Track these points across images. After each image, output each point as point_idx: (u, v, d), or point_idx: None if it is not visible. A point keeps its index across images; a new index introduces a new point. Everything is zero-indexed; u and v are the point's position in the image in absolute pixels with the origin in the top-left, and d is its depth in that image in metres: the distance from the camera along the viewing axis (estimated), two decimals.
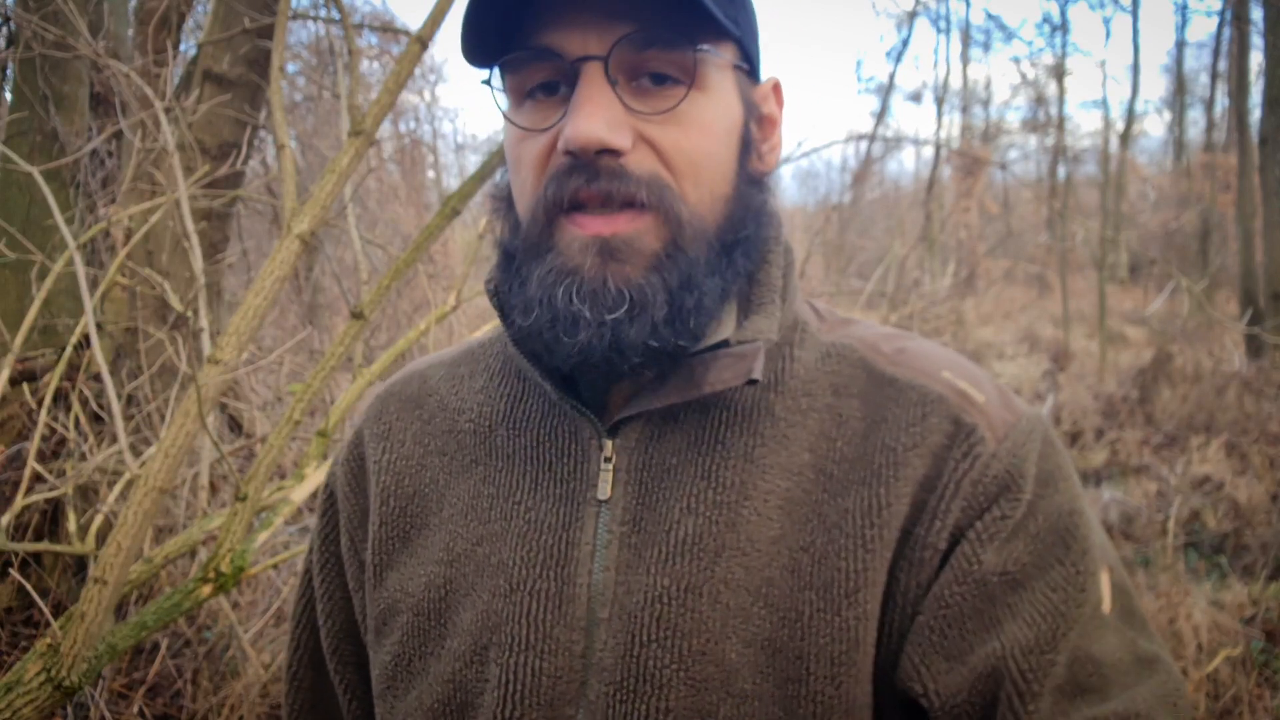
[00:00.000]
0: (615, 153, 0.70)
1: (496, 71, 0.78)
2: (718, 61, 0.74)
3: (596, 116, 0.69)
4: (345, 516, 0.89)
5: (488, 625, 0.74)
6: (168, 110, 2.94)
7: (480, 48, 0.74)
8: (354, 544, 0.88)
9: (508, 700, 0.71)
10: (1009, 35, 24.44)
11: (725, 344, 0.74)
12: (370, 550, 0.85)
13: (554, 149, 0.72)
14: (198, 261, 2.36)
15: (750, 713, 0.68)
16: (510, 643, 0.73)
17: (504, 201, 0.82)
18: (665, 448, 0.75)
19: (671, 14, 0.70)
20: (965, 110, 19.62)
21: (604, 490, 0.74)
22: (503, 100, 0.77)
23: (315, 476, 2.05)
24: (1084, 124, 36.53)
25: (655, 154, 0.72)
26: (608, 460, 0.75)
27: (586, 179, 0.70)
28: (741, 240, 0.76)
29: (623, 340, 0.69)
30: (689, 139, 0.72)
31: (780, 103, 0.83)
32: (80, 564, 3.23)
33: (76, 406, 2.97)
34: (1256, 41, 11.09)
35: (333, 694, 0.93)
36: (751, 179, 0.78)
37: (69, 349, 2.63)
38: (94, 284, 2.68)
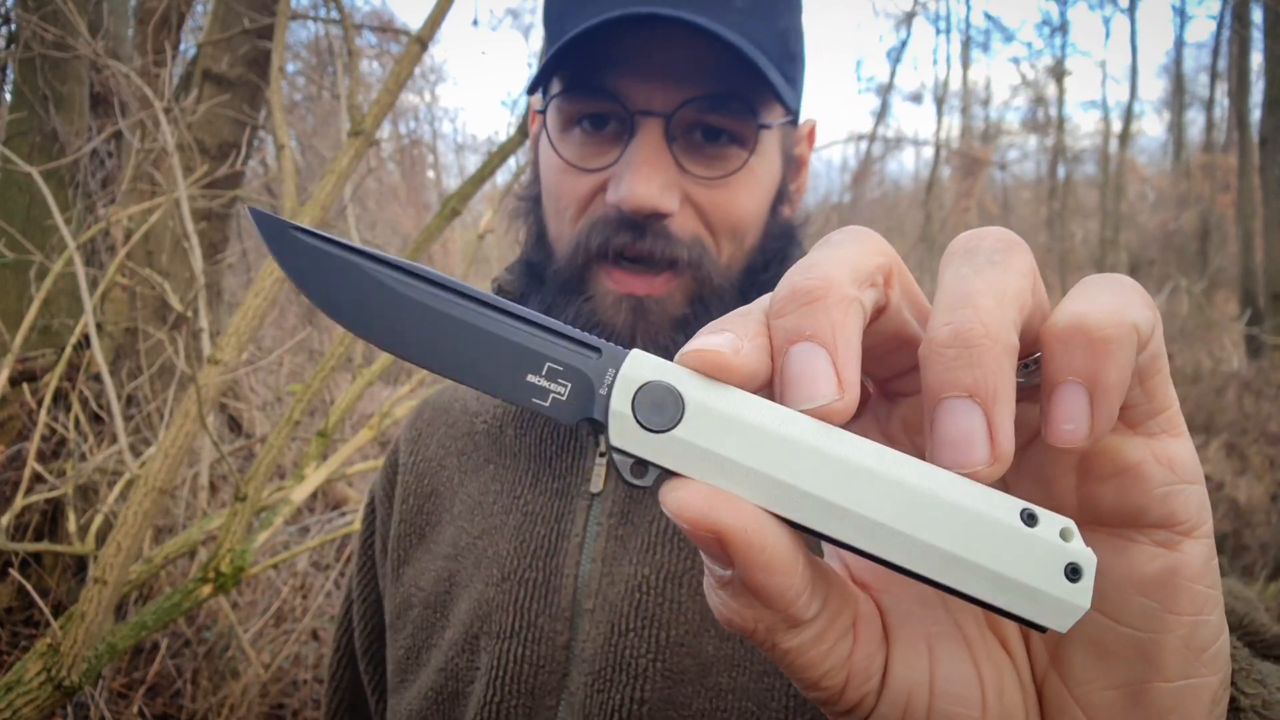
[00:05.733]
0: (663, 215, 0.72)
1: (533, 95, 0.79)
2: (771, 126, 0.76)
3: (654, 181, 0.71)
4: (380, 520, 0.92)
5: (479, 614, 0.76)
6: (167, 110, 2.94)
7: (545, 73, 0.75)
8: (385, 546, 0.90)
9: (491, 687, 0.73)
10: (1008, 36, 24.45)
11: None
12: (391, 547, 0.87)
13: (598, 191, 0.75)
14: (198, 261, 2.36)
15: (725, 707, 0.69)
16: (498, 630, 0.74)
17: (528, 203, 0.83)
18: None
19: (740, 84, 0.72)
20: (965, 111, 19.61)
21: (596, 484, 0.77)
22: (551, 123, 0.78)
23: (315, 476, 2.05)
24: (1083, 124, 36.53)
25: (698, 215, 0.74)
26: (602, 455, 0.77)
27: (633, 237, 0.72)
28: (758, 284, 0.78)
29: None
30: (734, 202, 0.75)
31: (812, 143, 0.85)
32: (80, 564, 3.22)
33: (76, 406, 2.97)
34: (1257, 41, 11.11)
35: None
36: (780, 228, 0.80)
37: (69, 349, 2.64)
38: (94, 284, 2.68)
